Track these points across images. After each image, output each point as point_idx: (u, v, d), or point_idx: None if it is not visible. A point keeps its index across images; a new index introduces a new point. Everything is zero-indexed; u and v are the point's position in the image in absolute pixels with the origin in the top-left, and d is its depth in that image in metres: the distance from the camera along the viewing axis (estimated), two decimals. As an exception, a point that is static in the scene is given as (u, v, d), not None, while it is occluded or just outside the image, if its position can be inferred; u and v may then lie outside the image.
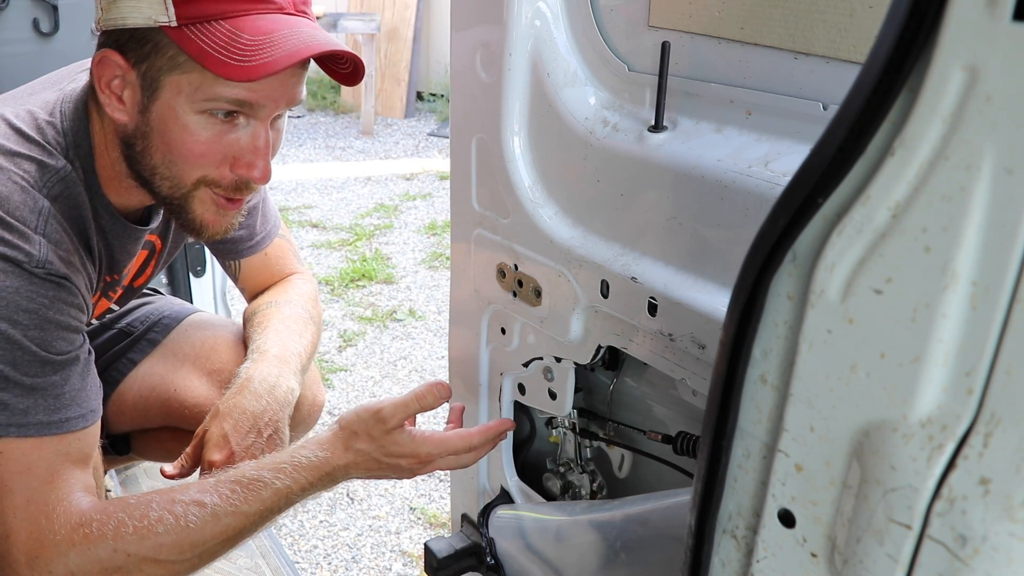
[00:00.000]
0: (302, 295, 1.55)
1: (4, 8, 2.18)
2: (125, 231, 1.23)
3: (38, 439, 1.00)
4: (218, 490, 1.05)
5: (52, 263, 1.02)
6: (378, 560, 2.35)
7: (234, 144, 1.09)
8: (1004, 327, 0.46)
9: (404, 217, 5.07)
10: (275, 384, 1.31)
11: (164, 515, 1.02)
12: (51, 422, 1.01)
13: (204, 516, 1.03)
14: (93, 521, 1.00)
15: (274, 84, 1.06)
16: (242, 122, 1.09)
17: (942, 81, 0.46)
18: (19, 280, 0.99)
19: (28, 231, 1.01)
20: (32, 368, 1.00)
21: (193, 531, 1.02)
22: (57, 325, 1.02)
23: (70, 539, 0.99)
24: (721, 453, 0.65)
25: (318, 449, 1.11)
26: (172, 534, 1.01)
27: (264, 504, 1.07)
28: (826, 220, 0.55)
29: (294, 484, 1.08)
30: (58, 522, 0.99)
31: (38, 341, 1.00)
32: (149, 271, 1.45)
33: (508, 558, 1.34)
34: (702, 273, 0.95)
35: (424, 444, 1.12)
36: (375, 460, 1.12)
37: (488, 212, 1.24)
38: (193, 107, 1.05)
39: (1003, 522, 0.47)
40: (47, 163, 1.08)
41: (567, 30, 1.09)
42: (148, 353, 1.58)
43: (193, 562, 1.05)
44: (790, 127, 0.88)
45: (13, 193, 1.01)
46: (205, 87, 1.04)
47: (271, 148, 1.14)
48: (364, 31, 6.66)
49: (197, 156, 1.08)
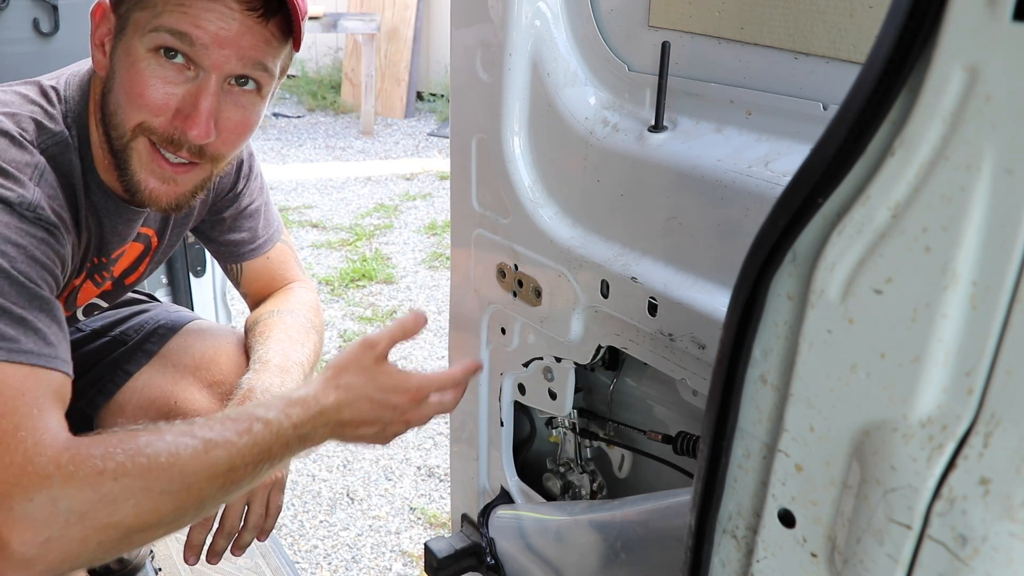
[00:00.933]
0: (304, 304, 1.54)
1: (4, 8, 2.18)
2: (117, 209, 1.22)
3: (31, 368, 0.96)
4: (208, 424, 1.01)
5: (43, 209, 1.02)
6: (378, 560, 2.35)
7: (178, 94, 1.08)
8: (1004, 327, 0.46)
9: (404, 217, 5.07)
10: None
11: (153, 440, 0.96)
12: (42, 354, 0.98)
13: (195, 446, 0.97)
14: (80, 444, 0.93)
15: (220, 25, 1.05)
16: (191, 75, 1.08)
17: (942, 81, 0.46)
18: (8, 216, 0.99)
19: (24, 178, 1.02)
20: (20, 300, 0.97)
21: (183, 460, 0.96)
22: (42, 266, 1.02)
23: (56, 462, 0.91)
24: (721, 453, 0.65)
25: (308, 387, 1.08)
26: (162, 460, 0.94)
27: (254, 438, 1.01)
28: (826, 220, 0.55)
29: (285, 420, 1.03)
30: (44, 446, 0.92)
31: (25, 275, 0.98)
32: (143, 268, 1.44)
33: (508, 558, 1.35)
34: (702, 273, 0.95)
35: (413, 377, 1.11)
36: (367, 397, 1.08)
37: (488, 212, 1.24)
38: (144, 43, 1.06)
39: (1003, 522, 0.47)
40: (46, 125, 1.09)
41: (567, 30, 1.09)
42: (145, 364, 1.56)
43: (182, 498, 0.97)
44: (790, 127, 0.88)
45: (11, 147, 1.03)
46: (154, 18, 1.05)
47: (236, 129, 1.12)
48: (364, 31, 6.66)
49: (139, 96, 1.07)
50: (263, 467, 1.03)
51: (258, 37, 1.09)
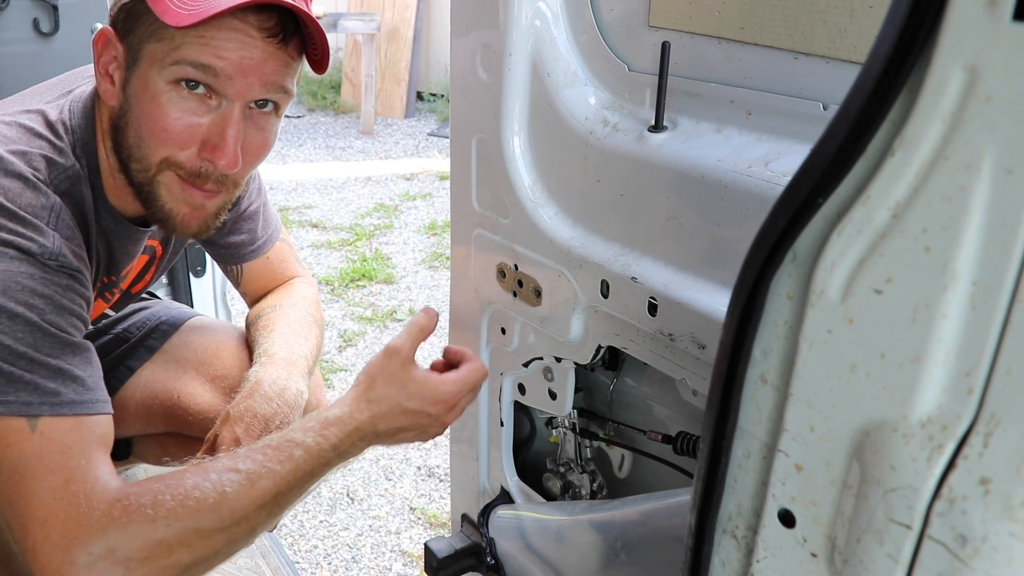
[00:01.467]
0: (305, 298, 1.55)
1: (4, 8, 2.18)
2: (126, 232, 1.23)
3: (75, 418, 0.99)
4: (250, 455, 1.03)
5: (65, 256, 1.02)
6: (378, 560, 2.35)
7: (202, 126, 1.07)
8: (1004, 327, 0.46)
9: (404, 217, 5.07)
10: (284, 387, 1.31)
11: (200, 482, 0.99)
12: (83, 401, 1.00)
13: (239, 481, 1.00)
14: (131, 494, 0.97)
15: (243, 54, 1.04)
16: (213, 104, 1.07)
17: (942, 81, 0.46)
18: (33, 268, 0.99)
19: (42, 225, 1.01)
20: (54, 350, 0.99)
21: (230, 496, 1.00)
22: (70, 312, 1.03)
23: (109, 514, 0.95)
24: (721, 453, 0.65)
25: (342, 405, 1.10)
26: (210, 499, 0.98)
27: (296, 464, 1.04)
28: (826, 220, 0.55)
29: (324, 441, 1.06)
30: (96, 499, 0.96)
31: (56, 325, 1.00)
32: (149, 277, 1.45)
33: (508, 558, 1.34)
34: (702, 273, 0.95)
35: (444, 383, 1.11)
36: (400, 408, 1.10)
37: (488, 212, 1.24)
38: (163, 76, 1.04)
39: (1003, 522, 0.47)
40: (56, 160, 1.08)
41: (567, 30, 1.09)
42: (147, 360, 1.57)
43: (233, 532, 1.01)
44: (790, 127, 0.88)
45: (26, 190, 1.02)
46: (173, 52, 1.03)
47: (255, 151, 1.12)
48: (364, 31, 6.66)
49: (163, 131, 1.06)
50: (306, 487, 1.07)
51: (279, 62, 1.08)
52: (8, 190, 1.01)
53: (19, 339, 0.97)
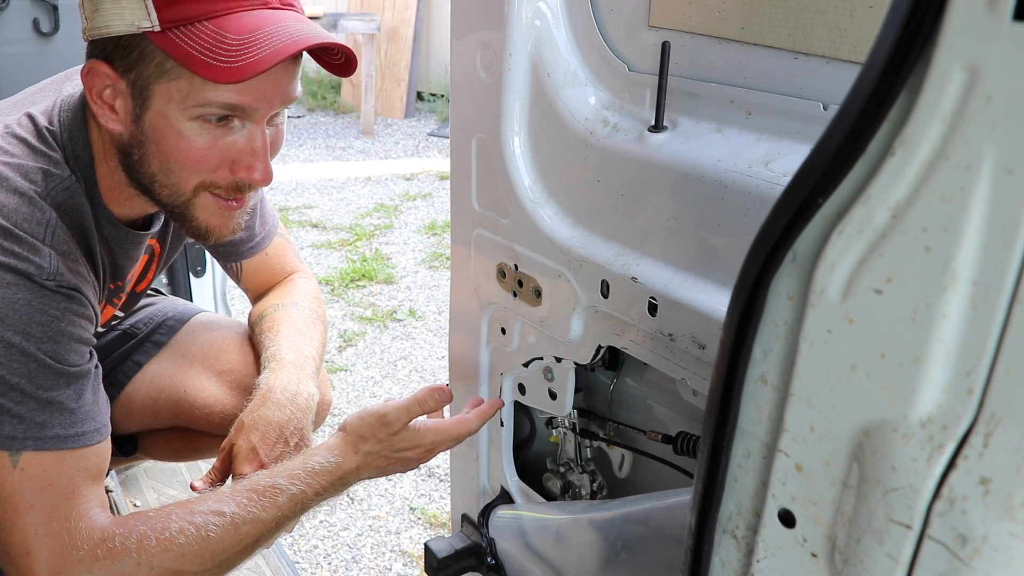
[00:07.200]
0: (306, 295, 1.56)
1: (4, 8, 2.18)
2: (127, 237, 1.23)
3: (58, 453, 1.00)
4: (235, 499, 1.07)
5: (62, 274, 1.02)
6: (378, 560, 2.35)
7: (231, 148, 1.07)
8: (1004, 327, 0.46)
9: (404, 217, 5.07)
10: (296, 392, 1.32)
11: (185, 526, 1.03)
12: (69, 436, 1.01)
13: (224, 525, 1.04)
14: (116, 535, 1.00)
15: (266, 84, 1.04)
16: (237, 125, 1.07)
17: (942, 81, 0.46)
18: (31, 293, 0.98)
19: (37, 243, 1.00)
20: (47, 381, 0.99)
21: (214, 540, 1.04)
22: (69, 337, 1.02)
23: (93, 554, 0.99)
24: (721, 453, 0.65)
25: (329, 455, 1.14)
26: (194, 545, 1.02)
27: (280, 510, 1.09)
28: (826, 220, 0.55)
29: (308, 489, 1.11)
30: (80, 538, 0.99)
31: (52, 353, 1.00)
32: (151, 275, 1.45)
33: (508, 558, 1.34)
34: (702, 273, 0.95)
35: (427, 434, 1.18)
36: (384, 458, 1.17)
37: (488, 212, 1.24)
38: (185, 114, 1.03)
39: (1003, 522, 0.47)
40: (52, 172, 1.07)
41: (567, 30, 1.09)
42: (154, 355, 1.58)
43: (213, 572, 1.06)
44: (790, 127, 0.88)
45: (21, 205, 1.01)
46: (195, 93, 1.02)
47: (271, 147, 1.12)
48: (364, 31, 6.66)
49: (194, 163, 1.06)
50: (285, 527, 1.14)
51: (292, 75, 1.10)
52: (3, 205, 1.00)
53: (13, 370, 0.97)
